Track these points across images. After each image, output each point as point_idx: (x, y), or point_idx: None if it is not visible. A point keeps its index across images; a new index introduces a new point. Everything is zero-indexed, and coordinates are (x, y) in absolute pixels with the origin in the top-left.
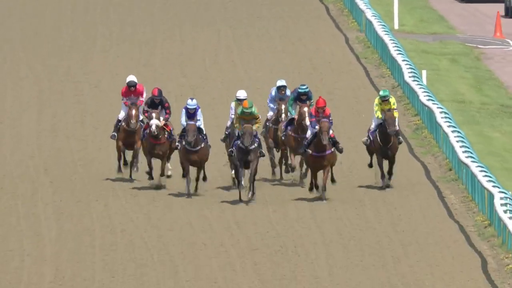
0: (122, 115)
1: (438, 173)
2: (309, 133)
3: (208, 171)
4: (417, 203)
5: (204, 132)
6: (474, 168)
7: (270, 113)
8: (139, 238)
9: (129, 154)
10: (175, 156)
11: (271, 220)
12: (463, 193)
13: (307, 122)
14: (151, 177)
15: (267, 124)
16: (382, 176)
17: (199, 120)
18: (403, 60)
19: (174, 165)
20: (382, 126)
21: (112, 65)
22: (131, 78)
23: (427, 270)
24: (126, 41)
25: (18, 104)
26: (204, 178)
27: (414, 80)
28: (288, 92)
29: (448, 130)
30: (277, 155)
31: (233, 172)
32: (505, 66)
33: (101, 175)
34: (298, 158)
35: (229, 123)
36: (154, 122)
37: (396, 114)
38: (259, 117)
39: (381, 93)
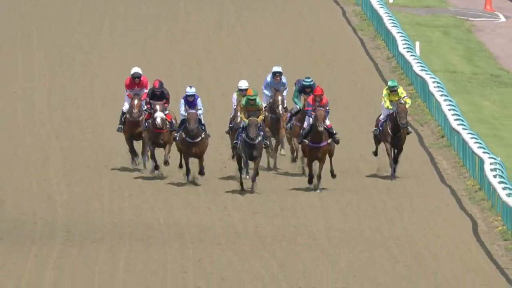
0: (126, 107)
1: (431, 140)
2: (306, 124)
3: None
4: (411, 169)
5: (203, 123)
6: (465, 135)
7: (264, 100)
8: (145, 203)
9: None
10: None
11: (272, 186)
12: (455, 159)
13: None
14: (156, 167)
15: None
16: (392, 164)
17: (200, 109)
18: (398, 32)
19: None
20: (393, 117)
21: (119, 38)
22: (136, 69)
23: (420, 232)
24: (132, 16)
25: (30, 76)
26: (201, 173)
27: (408, 51)
28: (284, 79)
29: (440, 99)
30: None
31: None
32: (494, 38)
33: (109, 142)
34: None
35: (232, 114)
36: (159, 115)
37: (408, 101)
38: (263, 109)
39: (389, 83)
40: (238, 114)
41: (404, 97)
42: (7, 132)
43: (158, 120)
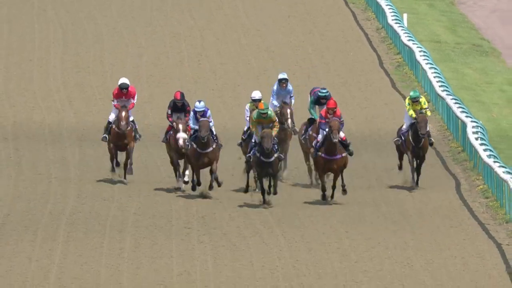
0: (112, 117)
1: None
2: (320, 137)
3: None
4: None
5: (215, 133)
6: (449, 100)
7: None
8: (153, 163)
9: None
10: None
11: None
12: (439, 123)
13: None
14: (181, 178)
15: None
16: (413, 173)
17: (211, 122)
18: (387, 5)
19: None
20: (414, 127)
21: (127, 10)
22: (124, 80)
23: (406, 191)
24: None
25: (45, 44)
26: (218, 185)
27: (396, 23)
28: (290, 86)
29: (426, 67)
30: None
31: (249, 176)
32: (476, 10)
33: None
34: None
35: (246, 127)
36: (181, 136)
37: (428, 113)
38: (276, 120)
39: (411, 94)
40: (251, 125)
41: (425, 108)
42: (24, 97)
43: (181, 142)
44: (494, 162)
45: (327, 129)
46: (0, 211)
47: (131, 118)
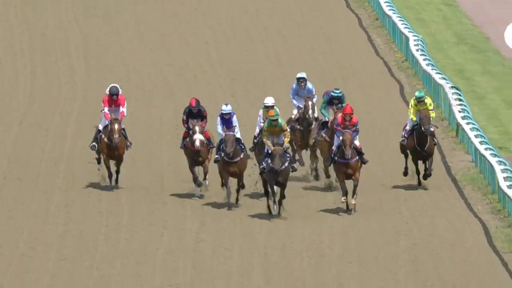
0: (102, 125)
1: (368, 22)
2: (334, 146)
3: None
4: (351, 46)
5: (242, 142)
6: (395, 18)
7: (295, 111)
8: (148, 80)
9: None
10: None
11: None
12: (386, 37)
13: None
14: (197, 183)
15: (292, 124)
16: (417, 172)
17: (236, 126)
18: None
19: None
20: (418, 127)
21: None
22: (114, 86)
23: (360, 93)
24: None
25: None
26: (243, 186)
27: None
28: (309, 85)
29: None
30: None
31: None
32: None
33: (134, 71)
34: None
35: (257, 131)
36: (198, 137)
37: (433, 114)
38: (287, 129)
39: (416, 94)
40: (262, 136)
41: (431, 110)
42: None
43: (197, 143)
44: (432, 69)
45: (341, 137)
46: None
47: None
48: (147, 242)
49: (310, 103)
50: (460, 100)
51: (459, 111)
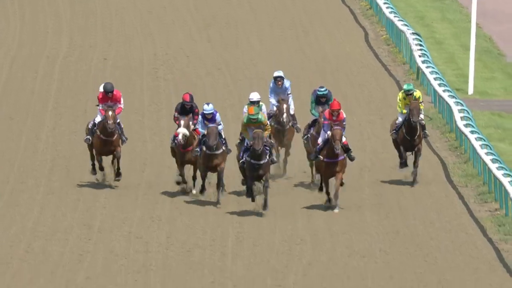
0: (98, 119)
1: None
2: (320, 140)
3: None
4: (329, 13)
5: (224, 137)
6: None
7: (274, 109)
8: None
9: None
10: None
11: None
12: None
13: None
14: (183, 182)
15: (270, 121)
16: (403, 164)
17: (220, 125)
18: None
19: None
20: (407, 119)
21: None
22: (107, 84)
23: (327, 39)
24: None
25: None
26: (223, 186)
27: None
28: (286, 83)
29: None
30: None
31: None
32: None
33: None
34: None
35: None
36: (181, 131)
37: (421, 106)
38: (267, 123)
39: (405, 87)
40: (242, 130)
41: (420, 102)
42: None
43: (180, 137)
44: (395, 17)
45: (328, 132)
46: None
47: (117, 120)
48: (129, 177)
49: (284, 106)
50: (420, 45)
51: (420, 56)
